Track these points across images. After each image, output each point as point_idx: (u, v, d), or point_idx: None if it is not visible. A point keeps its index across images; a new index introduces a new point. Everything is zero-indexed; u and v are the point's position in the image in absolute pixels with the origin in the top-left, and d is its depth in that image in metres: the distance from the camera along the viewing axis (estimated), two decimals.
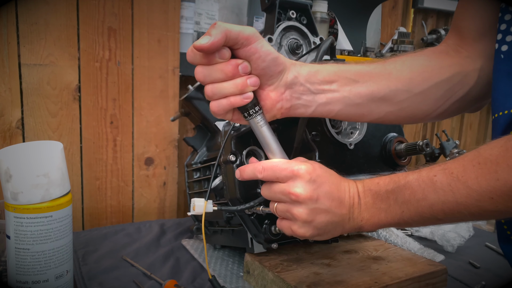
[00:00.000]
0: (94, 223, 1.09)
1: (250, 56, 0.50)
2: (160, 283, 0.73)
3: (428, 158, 1.63)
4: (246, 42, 0.49)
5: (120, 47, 1.05)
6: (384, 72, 0.59)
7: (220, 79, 0.50)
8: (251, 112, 0.53)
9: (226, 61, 0.49)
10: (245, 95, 0.51)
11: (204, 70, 0.50)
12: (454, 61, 0.62)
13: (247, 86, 0.50)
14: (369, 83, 0.58)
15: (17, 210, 0.58)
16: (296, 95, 0.54)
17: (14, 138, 0.98)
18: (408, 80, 0.59)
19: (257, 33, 0.50)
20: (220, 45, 0.48)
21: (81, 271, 0.77)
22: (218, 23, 0.48)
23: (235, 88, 0.50)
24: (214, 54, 0.49)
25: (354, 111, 0.58)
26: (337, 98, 0.56)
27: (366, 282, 0.65)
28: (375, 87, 0.58)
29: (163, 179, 1.16)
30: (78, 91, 1.03)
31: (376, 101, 0.58)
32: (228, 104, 0.51)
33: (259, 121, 0.54)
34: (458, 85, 0.61)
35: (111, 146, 1.08)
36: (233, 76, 0.50)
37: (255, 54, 0.50)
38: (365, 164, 0.73)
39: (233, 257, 0.86)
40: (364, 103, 0.58)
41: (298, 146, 0.66)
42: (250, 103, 0.52)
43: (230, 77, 0.50)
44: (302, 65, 0.55)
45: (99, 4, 1.01)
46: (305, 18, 0.75)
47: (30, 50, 0.96)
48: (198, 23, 1.20)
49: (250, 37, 0.49)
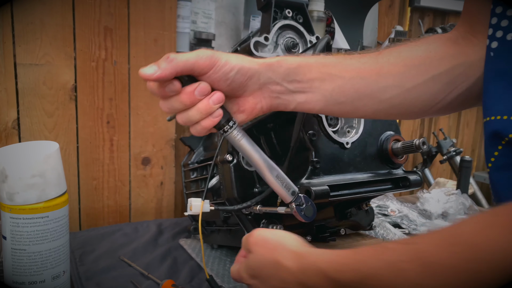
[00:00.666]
0: (91, 223, 1.09)
1: (212, 80, 0.49)
2: (158, 283, 0.73)
3: (425, 157, 1.63)
4: (205, 70, 0.48)
5: (116, 47, 1.05)
6: (374, 67, 0.55)
7: (183, 108, 0.49)
8: (225, 129, 0.51)
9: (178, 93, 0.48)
10: (214, 115, 0.50)
11: (165, 103, 0.50)
12: (459, 50, 0.55)
13: (211, 107, 0.49)
14: (356, 79, 0.54)
15: (13, 210, 0.58)
16: (274, 95, 0.53)
17: (10, 138, 0.97)
18: (401, 74, 0.54)
19: (215, 56, 0.48)
20: (167, 78, 0.47)
21: (78, 272, 0.77)
22: (171, 55, 0.46)
23: (200, 114, 0.49)
24: (165, 87, 0.48)
25: (337, 109, 0.55)
26: (317, 98, 0.54)
27: None
28: (361, 83, 0.54)
29: (160, 179, 1.16)
30: (75, 91, 1.02)
31: (363, 99, 0.55)
32: (203, 128, 0.50)
33: (236, 135, 0.53)
34: (461, 76, 0.54)
35: (107, 146, 1.08)
36: (193, 103, 0.49)
37: (216, 76, 0.49)
38: (362, 162, 0.73)
39: (231, 256, 0.86)
40: (348, 101, 0.54)
41: (295, 145, 0.66)
42: (222, 120, 0.51)
43: (190, 105, 0.49)
44: (279, 64, 0.52)
45: (95, 4, 1.01)
46: (301, 17, 0.75)
47: (26, 50, 0.96)
48: (195, 22, 1.19)
49: (207, 65, 0.48)
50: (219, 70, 0.48)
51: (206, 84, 0.49)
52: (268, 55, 0.74)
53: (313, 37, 0.76)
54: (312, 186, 0.62)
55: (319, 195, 0.62)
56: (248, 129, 0.71)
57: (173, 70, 0.46)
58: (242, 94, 0.52)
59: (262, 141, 0.74)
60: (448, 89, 0.55)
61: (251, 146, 0.54)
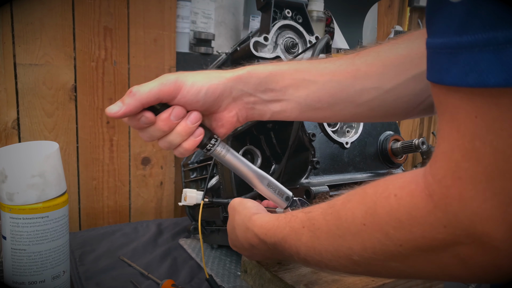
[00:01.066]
0: (91, 223, 1.09)
1: (184, 103, 0.48)
2: (158, 282, 0.73)
3: (424, 156, 1.63)
4: (172, 95, 0.47)
5: (116, 47, 1.05)
6: (350, 69, 0.52)
7: (163, 135, 0.49)
8: (208, 147, 0.51)
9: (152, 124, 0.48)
10: (195, 134, 0.50)
11: (144, 133, 0.49)
12: None
13: (190, 128, 0.49)
14: (331, 83, 0.52)
15: (13, 210, 0.58)
16: (249, 106, 0.52)
17: (10, 138, 0.97)
18: (379, 75, 0.52)
19: (179, 80, 0.48)
20: (134, 112, 0.46)
21: (78, 272, 0.77)
22: (134, 89, 0.46)
23: (180, 136, 0.49)
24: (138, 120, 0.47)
25: (314, 115, 0.54)
26: (291, 106, 0.53)
27: (363, 280, 0.65)
28: (337, 87, 0.52)
29: (160, 178, 1.16)
30: (74, 91, 1.02)
31: (339, 103, 0.53)
32: (186, 150, 0.50)
33: (220, 151, 0.52)
34: None
35: (107, 146, 1.08)
36: (171, 127, 0.48)
37: (186, 100, 0.48)
38: (362, 162, 0.73)
39: (231, 256, 0.86)
40: (324, 107, 0.53)
41: (293, 144, 0.66)
42: (205, 139, 0.50)
43: (169, 130, 0.49)
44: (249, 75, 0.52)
45: (94, 4, 1.01)
46: (301, 17, 0.76)
47: (26, 50, 0.96)
48: (195, 22, 1.19)
49: (172, 91, 0.47)
50: (186, 93, 0.48)
51: (180, 108, 0.48)
52: (267, 55, 0.74)
53: (312, 37, 0.76)
54: (312, 185, 0.63)
55: (318, 194, 0.62)
56: (248, 129, 0.71)
57: (137, 103, 0.46)
58: (217, 110, 0.52)
59: (262, 141, 0.74)
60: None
61: (237, 160, 0.54)
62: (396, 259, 0.34)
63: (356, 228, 0.36)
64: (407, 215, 0.32)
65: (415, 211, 0.31)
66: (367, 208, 0.36)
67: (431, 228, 0.30)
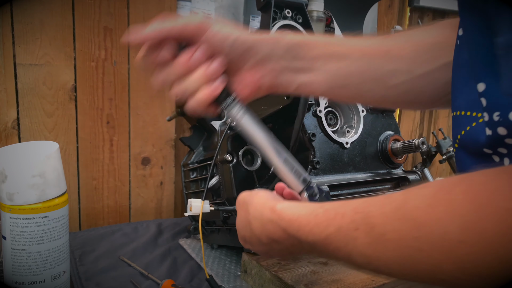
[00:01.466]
0: (91, 223, 1.09)
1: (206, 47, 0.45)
2: (158, 283, 0.73)
3: (424, 156, 1.63)
4: (196, 35, 0.44)
5: (116, 47, 1.05)
6: (382, 49, 0.49)
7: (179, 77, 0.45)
8: (225, 104, 0.46)
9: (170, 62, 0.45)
10: (214, 85, 0.45)
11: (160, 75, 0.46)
12: None
13: (209, 75, 0.45)
14: (362, 60, 0.49)
15: (13, 210, 0.58)
16: (275, 73, 0.48)
17: (10, 138, 0.97)
18: (411, 58, 0.49)
19: (205, 21, 0.45)
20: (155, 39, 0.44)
21: (78, 272, 0.77)
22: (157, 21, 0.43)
23: (197, 84, 0.45)
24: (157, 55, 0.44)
25: (341, 93, 0.50)
26: (320, 79, 0.49)
27: (363, 280, 0.65)
28: (367, 65, 0.49)
29: (160, 178, 1.16)
30: (74, 91, 1.02)
31: (368, 83, 0.49)
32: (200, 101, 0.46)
33: (237, 113, 0.47)
34: None
35: (107, 146, 1.08)
36: (189, 69, 0.45)
37: (209, 44, 0.45)
38: (362, 162, 0.73)
39: (231, 256, 0.86)
40: (352, 84, 0.49)
41: (294, 144, 0.66)
42: (223, 93, 0.46)
43: (186, 72, 0.45)
44: (279, 39, 0.48)
45: (94, 4, 1.01)
46: (301, 17, 0.75)
47: (26, 50, 0.96)
48: None
49: (197, 29, 0.44)
50: (212, 37, 0.45)
51: (203, 50, 0.45)
52: None
53: None
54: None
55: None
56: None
57: (159, 33, 0.43)
58: (241, 68, 0.48)
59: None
60: None
61: (254, 126, 0.48)
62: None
63: (450, 246, 0.29)
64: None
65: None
66: (464, 222, 0.28)
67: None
